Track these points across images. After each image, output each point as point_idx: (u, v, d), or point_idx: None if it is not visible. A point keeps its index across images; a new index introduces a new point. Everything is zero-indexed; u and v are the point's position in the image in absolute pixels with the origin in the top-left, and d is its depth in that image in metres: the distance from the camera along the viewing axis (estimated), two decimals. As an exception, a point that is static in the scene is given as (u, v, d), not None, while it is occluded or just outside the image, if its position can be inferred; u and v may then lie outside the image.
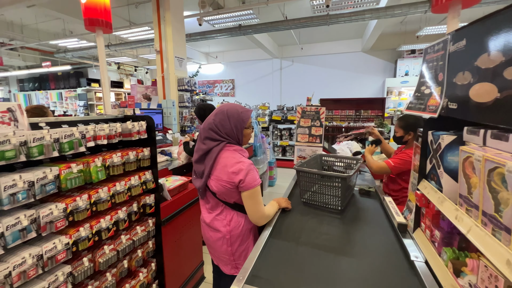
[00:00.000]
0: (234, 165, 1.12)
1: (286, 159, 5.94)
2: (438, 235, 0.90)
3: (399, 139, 1.88)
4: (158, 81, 3.64)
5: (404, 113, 1.74)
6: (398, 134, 1.88)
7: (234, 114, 1.19)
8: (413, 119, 1.82)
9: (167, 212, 1.65)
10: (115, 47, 6.65)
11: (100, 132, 1.22)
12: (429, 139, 0.99)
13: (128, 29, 5.29)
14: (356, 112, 4.57)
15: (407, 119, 1.84)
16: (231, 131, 1.19)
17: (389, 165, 1.77)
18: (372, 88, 8.60)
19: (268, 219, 1.22)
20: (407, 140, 1.85)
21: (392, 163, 1.76)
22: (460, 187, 0.74)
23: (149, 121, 1.47)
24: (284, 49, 9.11)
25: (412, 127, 1.80)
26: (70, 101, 8.95)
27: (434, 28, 5.88)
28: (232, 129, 1.19)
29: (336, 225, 1.28)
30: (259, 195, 1.16)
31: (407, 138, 1.84)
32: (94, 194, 1.16)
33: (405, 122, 1.83)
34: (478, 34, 0.74)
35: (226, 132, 1.18)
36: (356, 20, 5.01)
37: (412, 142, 1.74)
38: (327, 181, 1.41)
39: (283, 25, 5.34)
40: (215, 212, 1.24)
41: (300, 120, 1.94)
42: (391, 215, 1.27)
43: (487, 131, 0.70)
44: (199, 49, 9.03)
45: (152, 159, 1.51)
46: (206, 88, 10.31)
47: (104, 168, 1.22)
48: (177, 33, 3.65)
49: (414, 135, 1.79)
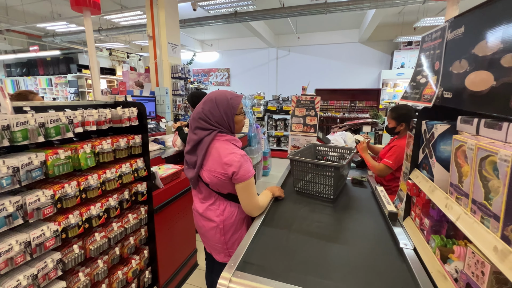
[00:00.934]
0: (227, 156, 1.09)
1: (281, 149, 5.95)
2: (427, 223, 0.91)
3: (391, 130, 1.92)
4: (151, 68, 3.54)
5: (399, 103, 1.75)
6: (390, 125, 1.91)
7: (223, 101, 1.16)
8: (404, 110, 1.84)
9: (159, 200, 1.64)
10: (106, 32, 6.42)
11: (88, 118, 1.18)
12: (423, 128, 0.99)
13: (119, 13, 5.09)
14: (351, 103, 4.56)
15: (398, 110, 1.86)
16: (221, 118, 1.15)
17: (389, 164, 1.79)
18: (368, 79, 8.58)
19: (262, 209, 1.22)
20: (399, 130, 1.88)
21: (391, 162, 1.78)
22: (452, 175, 0.74)
23: (140, 107, 1.43)
24: (280, 38, 8.95)
25: (403, 118, 1.83)
26: (60, 88, 8.70)
27: (431, 20, 5.83)
28: (222, 116, 1.15)
29: (328, 213, 1.29)
30: (253, 186, 1.15)
31: (399, 129, 1.87)
32: (84, 181, 1.13)
33: (397, 113, 1.86)
34: (478, 21, 0.72)
35: (216, 120, 1.15)
36: (354, 9, 4.93)
37: (404, 133, 1.86)
38: (320, 170, 1.41)
39: (280, 12, 5.22)
40: (208, 202, 1.23)
41: (295, 109, 1.92)
42: (382, 204, 1.29)
43: (481, 120, 0.70)
44: (194, 36, 8.80)
45: (144, 146, 1.48)
46: (201, 77, 10.13)
47: (94, 155, 1.19)
48: (171, 18, 3.53)
49: (406, 125, 1.83)
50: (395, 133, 1.92)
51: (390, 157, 1.80)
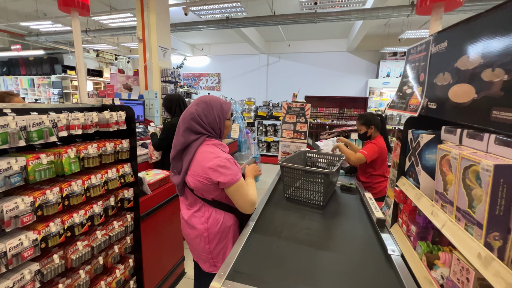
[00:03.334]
0: (212, 160, 1.06)
1: (271, 155, 5.97)
2: (414, 229, 0.93)
3: (364, 135, 2.16)
4: (140, 71, 3.48)
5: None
6: (362, 131, 2.15)
7: (216, 104, 1.16)
8: (369, 115, 2.14)
9: (146, 207, 1.59)
10: (94, 33, 6.28)
11: (74, 121, 1.14)
12: (409, 137, 1.03)
13: (108, 15, 5.01)
14: (339, 110, 4.66)
15: (365, 116, 2.15)
16: (214, 121, 1.15)
17: (364, 154, 2.01)
18: (356, 87, 8.82)
19: (256, 204, 1.18)
20: (370, 134, 2.12)
21: (366, 152, 2.01)
22: (437, 183, 0.77)
23: (128, 111, 1.40)
24: (271, 45, 9.09)
25: (371, 122, 2.09)
26: (43, 89, 8.39)
27: (415, 32, 6.12)
28: (215, 119, 1.15)
29: (317, 220, 1.30)
30: (244, 186, 1.12)
31: (370, 132, 2.11)
32: (67, 187, 1.09)
33: (364, 119, 2.13)
34: (460, 37, 0.76)
35: (209, 122, 1.14)
36: (343, 19, 5.09)
37: (376, 134, 2.12)
38: (310, 176, 1.42)
39: (271, 20, 5.30)
40: (193, 208, 1.20)
41: (286, 116, 1.94)
42: (370, 211, 1.31)
43: (463, 130, 0.73)
44: (184, 40, 8.77)
45: (132, 151, 1.44)
46: (191, 81, 10.07)
47: (78, 160, 1.15)
48: (161, 21, 3.51)
49: (375, 128, 2.10)
50: (367, 138, 2.15)
51: (366, 149, 2.03)
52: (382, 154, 2.06)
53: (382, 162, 2.10)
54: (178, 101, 2.34)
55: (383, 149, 2.05)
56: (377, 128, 2.12)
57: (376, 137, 2.12)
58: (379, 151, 2.02)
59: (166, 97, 2.39)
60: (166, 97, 2.39)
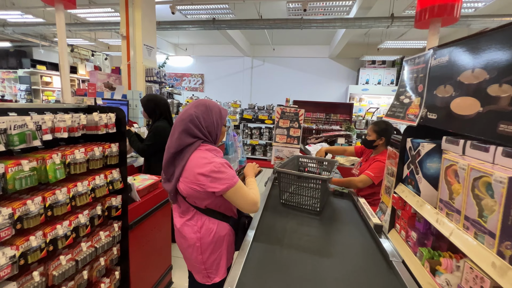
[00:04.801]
0: (205, 166, 1.01)
1: (256, 158, 5.96)
2: (414, 236, 0.96)
3: (370, 142, 1.91)
4: (123, 69, 3.31)
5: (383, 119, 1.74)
6: (370, 138, 1.90)
7: (215, 108, 1.14)
8: (385, 125, 1.87)
9: (135, 215, 1.50)
10: (69, 27, 5.90)
11: (59, 124, 1.04)
12: (408, 146, 1.06)
13: (87, 8, 4.72)
14: (326, 115, 4.78)
15: (380, 125, 1.89)
16: (212, 125, 1.11)
17: (371, 176, 1.78)
18: (337, 93, 9.12)
19: (258, 202, 1.11)
20: (377, 144, 1.89)
21: (373, 174, 1.77)
22: (441, 192, 0.79)
23: (119, 113, 1.31)
24: (256, 48, 9.13)
25: (384, 133, 1.85)
26: (8, 84, 7.71)
27: (393, 43, 6.49)
28: (213, 123, 1.11)
29: (316, 226, 1.30)
30: (242, 188, 1.06)
31: (378, 143, 1.88)
32: (50, 196, 0.98)
33: (379, 127, 1.87)
34: (463, 52, 0.80)
35: (207, 126, 1.10)
36: (328, 27, 5.24)
37: (382, 148, 1.89)
38: (307, 182, 1.42)
39: (258, 24, 5.32)
40: (186, 216, 1.14)
41: (279, 120, 1.94)
42: (366, 216, 1.34)
43: (467, 141, 0.76)
44: (167, 39, 8.53)
45: (121, 156, 1.35)
46: (173, 81, 9.80)
47: (64, 166, 1.05)
48: (147, 19, 3.37)
49: (385, 140, 1.85)
50: (372, 146, 1.93)
51: (372, 170, 1.79)
52: None
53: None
54: (165, 105, 2.14)
55: None
56: (387, 142, 1.68)
57: (382, 151, 1.88)
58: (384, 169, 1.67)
59: (149, 97, 2.09)
60: (149, 97, 2.09)
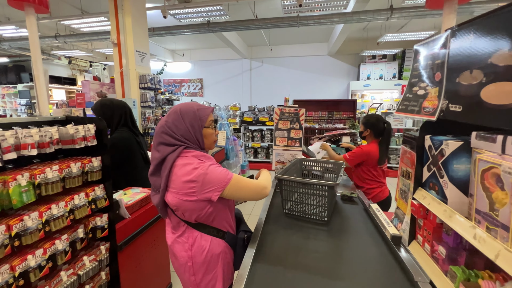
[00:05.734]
0: (192, 172, 0.92)
1: (259, 161, 5.82)
2: (442, 251, 0.81)
3: (360, 134, 2.18)
4: (116, 77, 3.22)
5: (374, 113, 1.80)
6: (360, 130, 2.17)
7: (189, 112, 1.01)
8: (374, 119, 2.08)
9: (125, 234, 1.37)
10: (64, 39, 5.86)
11: (26, 140, 0.91)
12: (427, 144, 0.91)
13: (79, 19, 4.66)
14: (328, 113, 4.61)
15: (368, 118, 2.11)
16: (187, 131, 1.00)
17: (346, 158, 2.05)
18: (338, 90, 8.96)
19: (269, 186, 1.05)
20: (365, 135, 2.12)
21: (348, 156, 2.05)
22: (478, 201, 0.64)
23: (98, 123, 1.19)
24: (253, 49, 9.03)
25: (370, 125, 2.07)
26: (9, 99, 7.72)
27: (393, 36, 6.30)
28: (187, 129, 1.00)
29: (323, 239, 1.15)
30: (240, 179, 0.99)
31: (365, 134, 2.11)
32: (17, 224, 0.86)
33: (366, 120, 2.10)
34: (495, 28, 0.65)
35: (182, 133, 0.99)
36: (325, 23, 5.10)
37: (370, 138, 2.11)
38: (312, 189, 1.28)
39: (254, 24, 5.21)
40: (177, 232, 1.05)
41: (279, 122, 1.80)
42: (381, 225, 1.19)
43: (507, 137, 0.61)
44: (164, 46, 8.48)
45: (105, 170, 1.22)
46: (172, 87, 9.75)
47: (33, 188, 0.92)
48: (138, 24, 3.28)
49: (371, 132, 2.07)
50: (362, 137, 2.17)
51: (350, 153, 2.06)
52: (368, 160, 2.02)
53: (373, 167, 2.05)
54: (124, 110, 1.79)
55: (370, 154, 2.00)
56: (374, 134, 2.07)
57: (370, 142, 2.09)
58: (363, 156, 2.01)
59: (103, 102, 1.73)
60: (103, 102, 1.73)
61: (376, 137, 2.07)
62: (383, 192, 2.06)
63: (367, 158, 2.01)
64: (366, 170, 2.05)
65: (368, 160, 2.02)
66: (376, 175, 2.05)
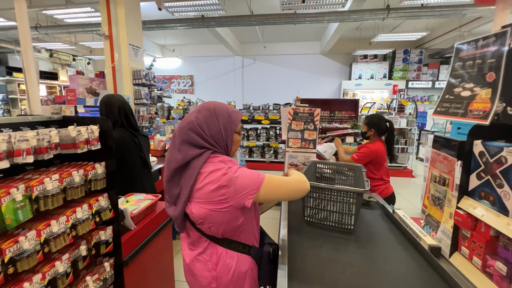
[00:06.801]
0: (222, 178, 0.81)
1: (254, 160, 5.72)
2: (501, 267, 0.74)
3: (363, 134, 2.20)
4: (107, 72, 2.99)
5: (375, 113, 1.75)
6: (363, 130, 2.19)
7: (223, 112, 0.90)
8: (376, 118, 2.12)
9: (130, 247, 1.23)
10: (46, 30, 5.46)
11: (20, 145, 0.76)
12: (477, 150, 0.84)
13: (64, 9, 4.34)
14: (330, 113, 4.58)
15: (371, 118, 2.14)
16: (219, 133, 0.88)
17: (354, 159, 2.07)
18: (330, 89, 9.01)
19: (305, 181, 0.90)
20: (369, 135, 2.14)
21: (356, 157, 2.06)
22: None
23: (103, 124, 1.04)
24: (246, 46, 8.88)
25: (373, 125, 2.10)
26: (-18, 94, 7.13)
27: (386, 36, 6.37)
28: (220, 131, 0.88)
29: (355, 251, 1.07)
30: (275, 178, 0.86)
31: (369, 134, 2.13)
32: (10, 247, 0.71)
33: (369, 120, 2.13)
34: None
35: (212, 134, 0.87)
36: (322, 20, 5.06)
37: (374, 138, 2.12)
38: (337, 196, 1.19)
39: (250, 20, 5.08)
40: (196, 249, 0.92)
41: (292, 122, 1.70)
42: (412, 233, 1.12)
43: None
44: (153, 40, 8.15)
45: (109, 177, 1.08)
46: (162, 84, 9.42)
47: (30, 202, 0.77)
48: (131, 16, 3.06)
49: (375, 132, 2.11)
50: (366, 137, 2.18)
51: (357, 154, 2.08)
52: (377, 158, 2.05)
53: (380, 166, 2.08)
54: (122, 108, 1.67)
55: (378, 153, 2.04)
56: (378, 133, 2.12)
57: (374, 141, 2.11)
58: (372, 155, 2.03)
59: (101, 99, 1.69)
60: (101, 99, 1.69)
61: (379, 136, 2.13)
62: (387, 189, 2.10)
63: (375, 156, 2.05)
64: (373, 169, 2.08)
65: (376, 159, 2.06)
66: (382, 173, 2.09)
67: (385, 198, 1.98)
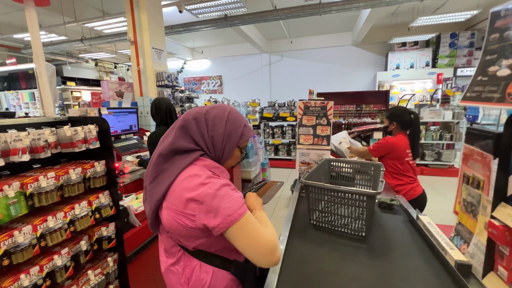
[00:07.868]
0: (197, 188, 0.70)
1: (279, 158, 5.61)
2: (551, 299, 0.56)
3: (385, 129, 2.00)
4: (134, 76, 3.18)
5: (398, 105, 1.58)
6: (385, 124, 1.99)
7: (236, 120, 0.81)
8: (399, 111, 1.92)
9: (134, 244, 1.26)
10: (89, 41, 6.06)
11: (16, 144, 0.81)
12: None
13: (101, 20, 4.75)
14: (357, 107, 4.25)
15: (393, 111, 1.96)
16: (220, 138, 0.79)
17: (369, 149, 1.94)
18: (364, 82, 8.43)
19: (277, 248, 0.70)
20: (391, 130, 1.95)
21: (371, 147, 1.92)
22: None
23: (101, 124, 1.06)
24: (273, 43, 8.76)
25: (395, 118, 1.90)
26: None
27: (427, 19, 5.68)
28: (223, 135, 0.79)
29: (364, 261, 0.93)
30: (252, 221, 0.71)
31: (391, 128, 1.94)
32: (6, 240, 0.75)
33: (391, 113, 1.94)
34: None
35: (213, 135, 0.78)
36: (350, 9, 4.71)
37: (396, 131, 1.93)
38: (347, 198, 1.06)
39: (273, 15, 4.97)
40: (170, 258, 0.82)
41: (303, 117, 1.58)
42: (437, 245, 0.94)
43: None
44: (183, 44, 8.51)
45: (109, 175, 1.11)
46: (192, 85, 9.81)
47: (25, 198, 0.81)
48: (154, 21, 3.20)
49: (397, 125, 1.90)
50: (388, 132, 1.98)
51: (374, 144, 1.92)
52: (395, 152, 1.83)
53: (401, 161, 1.84)
54: (167, 109, 1.84)
55: (395, 146, 1.82)
56: (402, 127, 1.91)
57: (396, 134, 1.92)
58: (387, 148, 1.85)
59: (153, 101, 1.91)
60: (153, 101, 1.91)
61: (403, 129, 1.89)
62: (414, 189, 1.83)
63: (391, 150, 1.84)
64: (391, 163, 1.88)
65: (393, 153, 1.85)
66: (402, 169, 1.84)
67: (412, 200, 1.75)
